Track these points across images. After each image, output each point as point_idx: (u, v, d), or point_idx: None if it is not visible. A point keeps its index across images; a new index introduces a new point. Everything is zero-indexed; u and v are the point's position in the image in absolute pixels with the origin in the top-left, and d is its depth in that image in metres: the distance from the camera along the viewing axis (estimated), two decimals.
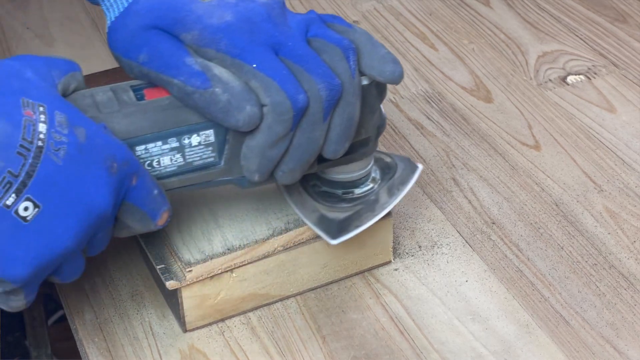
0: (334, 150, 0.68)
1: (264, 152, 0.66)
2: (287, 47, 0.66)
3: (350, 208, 0.73)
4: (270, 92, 0.64)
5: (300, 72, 0.65)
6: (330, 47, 0.67)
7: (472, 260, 0.80)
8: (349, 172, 0.74)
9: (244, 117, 0.64)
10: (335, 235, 0.72)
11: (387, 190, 0.75)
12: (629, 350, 0.72)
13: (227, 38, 0.66)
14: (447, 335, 0.74)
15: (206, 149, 0.67)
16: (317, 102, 0.65)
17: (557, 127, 0.95)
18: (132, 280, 0.79)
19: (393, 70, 0.69)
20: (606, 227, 0.83)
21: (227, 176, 0.69)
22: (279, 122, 0.65)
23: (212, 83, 0.64)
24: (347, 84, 0.67)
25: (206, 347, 0.74)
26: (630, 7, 1.13)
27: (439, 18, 1.14)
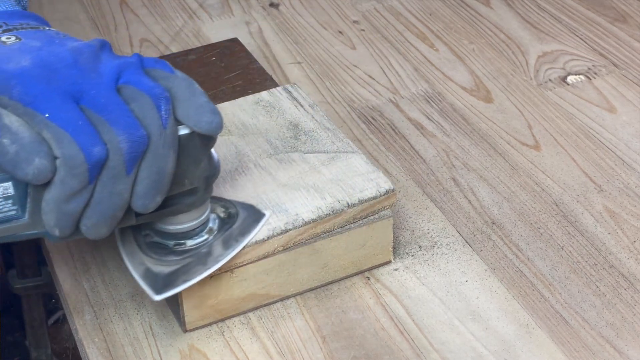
0: (142, 204, 0.64)
1: (59, 207, 0.62)
2: (89, 95, 0.62)
3: (179, 261, 0.70)
4: (62, 144, 0.60)
5: (101, 122, 0.61)
6: (141, 95, 0.63)
7: (472, 260, 0.80)
8: (180, 223, 0.70)
9: (32, 170, 0.60)
10: (160, 291, 0.69)
11: (222, 242, 0.72)
12: (629, 350, 0.72)
13: (20, 85, 0.61)
14: (447, 335, 0.74)
15: (6, 202, 0.63)
16: (118, 154, 0.62)
17: (557, 127, 0.95)
18: (132, 280, 0.79)
19: (210, 121, 0.65)
20: (606, 227, 0.83)
21: (33, 230, 0.64)
22: (72, 175, 0.61)
23: (0, 133, 0.60)
24: (156, 135, 0.63)
25: (206, 347, 0.74)
26: (630, 7, 1.13)
27: (439, 18, 1.14)
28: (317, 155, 0.80)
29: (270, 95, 0.88)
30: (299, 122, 0.84)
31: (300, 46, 1.11)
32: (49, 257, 0.82)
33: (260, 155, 0.81)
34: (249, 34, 1.13)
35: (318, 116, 0.85)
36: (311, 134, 0.83)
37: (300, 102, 0.87)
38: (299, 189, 0.77)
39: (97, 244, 0.82)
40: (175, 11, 1.19)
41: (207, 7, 1.20)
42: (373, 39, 1.11)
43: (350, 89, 1.03)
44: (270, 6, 1.19)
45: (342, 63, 1.07)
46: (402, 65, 1.06)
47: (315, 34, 1.13)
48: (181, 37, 1.13)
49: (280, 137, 0.83)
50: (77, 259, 0.81)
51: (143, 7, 1.21)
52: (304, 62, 1.08)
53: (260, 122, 0.85)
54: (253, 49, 1.09)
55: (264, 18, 1.17)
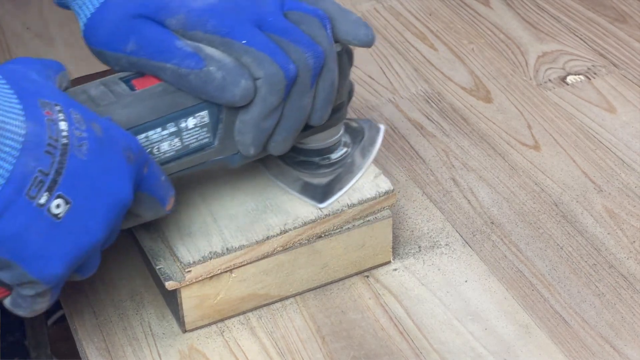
0: (320, 116, 0.71)
1: (258, 125, 0.68)
2: (268, 22, 0.68)
3: (331, 173, 0.76)
4: (263, 65, 0.66)
5: (286, 44, 0.67)
6: (308, 17, 0.69)
7: (471, 261, 0.80)
8: (325, 138, 0.76)
9: (240, 92, 0.66)
10: (322, 200, 0.75)
11: (359, 152, 0.78)
12: (629, 350, 0.72)
13: (213, 19, 0.67)
14: (446, 335, 0.74)
15: (201, 130, 0.68)
16: (305, 70, 0.68)
17: (556, 127, 0.95)
18: (132, 281, 0.79)
19: (367, 33, 0.71)
20: (606, 227, 0.83)
21: (221, 155, 0.70)
22: (273, 92, 0.67)
23: (206, 62, 0.66)
24: (328, 51, 0.69)
25: (205, 347, 0.74)
26: (630, 7, 1.13)
27: (439, 18, 1.14)
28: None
29: None
30: None
31: None
32: None
33: None
34: None
35: None
36: None
37: None
38: None
39: None
40: None
41: None
42: None
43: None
44: None
45: None
46: (402, 65, 1.06)
47: None
48: None
49: None
50: None
51: None
52: None
53: None
54: None
55: None
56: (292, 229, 0.74)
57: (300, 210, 0.75)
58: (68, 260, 0.61)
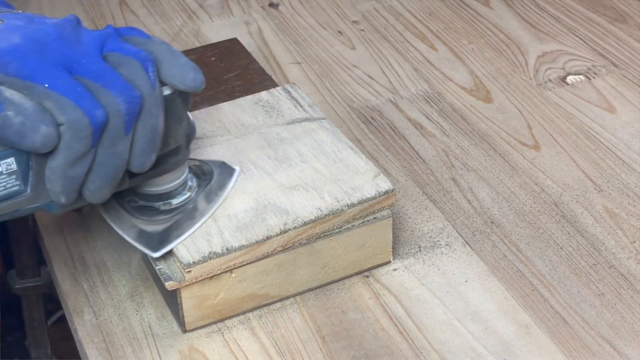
0: (140, 163, 0.67)
1: (65, 172, 0.64)
2: (80, 64, 0.65)
3: (169, 219, 0.73)
4: (66, 110, 0.63)
5: (97, 88, 0.64)
6: (128, 60, 0.66)
7: (471, 261, 0.80)
8: (164, 183, 0.73)
9: (40, 138, 0.62)
10: (156, 248, 0.72)
11: (204, 196, 0.75)
12: (629, 350, 0.72)
13: (16, 60, 0.63)
14: (446, 335, 0.74)
15: (9, 178, 0.64)
16: (117, 116, 0.64)
17: (556, 127, 0.95)
18: (132, 281, 0.79)
19: (194, 78, 0.68)
20: (606, 227, 0.83)
21: (36, 203, 0.66)
22: (78, 139, 0.63)
23: (3, 107, 0.62)
24: (148, 95, 0.66)
25: (205, 347, 0.74)
26: (630, 7, 1.13)
27: (439, 18, 1.14)
28: (316, 155, 0.80)
29: (269, 96, 0.88)
30: (298, 122, 0.84)
31: (300, 46, 1.11)
32: (49, 257, 0.82)
33: (260, 155, 0.81)
34: (248, 34, 1.13)
35: (317, 116, 0.85)
36: (310, 134, 0.83)
37: (300, 102, 0.87)
38: (298, 189, 0.77)
39: (97, 244, 0.82)
40: (175, 11, 1.19)
41: (207, 7, 1.20)
42: (373, 39, 1.11)
43: (349, 89, 1.03)
44: (269, 6, 1.19)
45: (342, 63, 1.07)
46: (402, 65, 1.06)
47: (315, 34, 1.13)
48: (181, 37, 1.13)
49: (280, 137, 0.83)
50: (76, 260, 0.81)
51: (143, 8, 1.21)
52: (304, 62, 1.08)
53: (260, 122, 0.85)
54: (253, 49, 1.09)
55: (263, 18, 1.17)
56: (292, 229, 0.74)
57: (300, 210, 0.75)
58: None
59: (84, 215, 0.85)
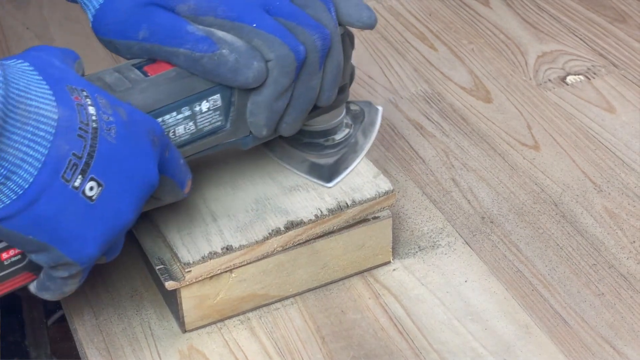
0: (327, 97, 0.72)
1: (271, 106, 0.69)
2: (275, 6, 0.70)
3: (336, 153, 0.78)
4: (274, 47, 0.67)
5: (294, 27, 0.69)
6: (312, 1, 0.71)
7: (471, 261, 0.80)
8: (329, 120, 0.78)
9: (253, 74, 0.67)
10: (329, 179, 0.77)
11: (361, 132, 0.81)
12: (629, 350, 0.72)
13: (223, 4, 0.68)
14: (446, 335, 0.74)
15: (214, 114, 0.70)
16: (314, 52, 0.69)
17: (556, 127, 0.95)
18: (132, 281, 0.79)
19: (370, 15, 0.73)
20: (605, 227, 0.83)
21: (233, 137, 0.71)
22: (284, 74, 0.68)
23: (218, 46, 0.67)
24: (334, 33, 0.71)
25: (205, 347, 0.74)
26: (630, 7, 1.13)
27: (439, 18, 1.14)
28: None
29: None
30: None
31: None
32: None
33: (260, 155, 0.81)
34: None
35: None
36: None
37: None
38: (298, 190, 0.77)
39: None
40: None
41: None
42: (372, 39, 1.11)
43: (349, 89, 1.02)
44: None
45: None
46: (402, 65, 1.06)
47: None
48: None
49: None
50: None
51: None
52: None
53: None
54: None
55: None
56: (292, 229, 0.74)
57: (300, 210, 0.75)
58: (102, 241, 0.62)
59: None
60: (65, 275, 0.63)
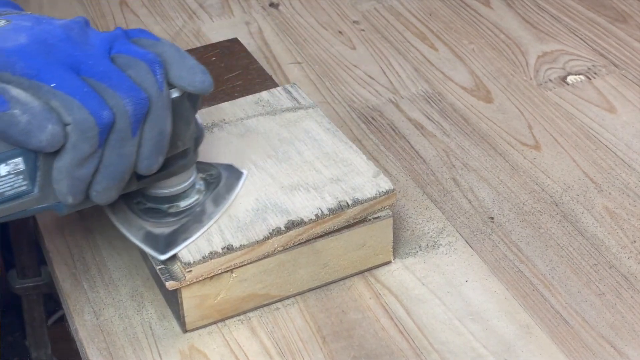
0: (147, 165, 0.67)
1: (72, 172, 0.64)
2: (88, 65, 0.65)
3: (177, 222, 0.73)
4: (72, 110, 0.62)
5: (104, 89, 0.64)
6: (135, 61, 0.66)
7: (472, 261, 0.80)
8: (172, 186, 0.73)
9: (46, 137, 0.62)
10: (163, 251, 0.72)
11: (212, 200, 0.75)
12: (629, 350, 0.72)
13: (22, 60, 0.63)
14: (447, 335, 0.74)
15: (17, 178, 0.64)
16: (124, 117, 0.64)
17: (557, 127, 0.95)
18: (132, 280, 0.79)
19: (202, 80, 0.68)
20: (606, 227, 0.83)
21: (43, 203, 0.66)
22: (84, 139, 0.63)
23: (10, 105, 0.62)
24: (155, 97, 0.65)
25: (206, 347, 0.74)
26: (630, 7, 1.13)
27: (439, 18, 1.14)
28: (317, 155, 0.80)
29: (270, 96, 0.88)
30: (299, 122, 0.84)
31: (300, 46, 1.11)
32: (49, 257, 0.82)
33: (260, 155, 0.81)
34: (249, 34, 1.13)
35: (318, 116, 0.85)
36: (311, 135, 0.83)
37: (300, 102, 0.87)
38: (298, 189, 0.77)
39: (97, 244, 0.82)
40: (175, 11, 1.19)
41: (207, 7, 1.20)
42: (373, 39, 1.11)
43: (350, 89, 1.03)
44: (270, 6, 1.19)
45: (342, 63, 1.07)
46: (402, 65, 1.06)
47: (315, 34, 1.13)
48: (181, 37, 1.13)
49: (280, 137, 0.83)
50: (77, 259, 0.81)
51: (143, 7, 1.21)
52: (304, 62, 1.08)
53: (260, 122, 0.85)
54: (253, 49, 1.09)
55: (263, 18, 1.17)
56: (292, 229, 0.74)
57: (300, 210, 0.75)
58: None
59: (84, 215, 0.85)
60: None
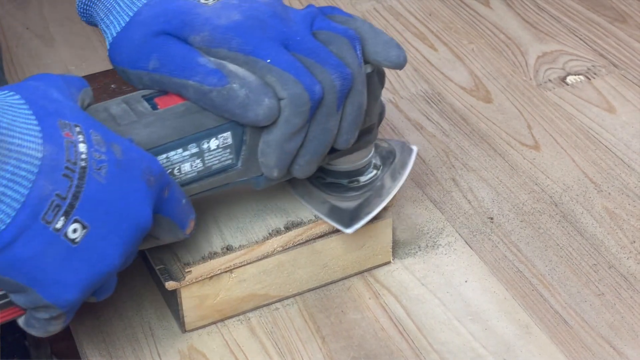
0: (346, 139, 0.69)
1: (282, 146, 0.66)
2: (295, 41, 0.67)
3: (359, 196, 0.74)
4: (287, 85, 0.65)
5: (312, 64, 0.66)
6: (337, 38, 0.68)
7: (471, 261, 0.80)
8: (355, 160, 0.74)
9: (263, 111, 0.64)
10: (349, 224, 0.73)
11: (390, 175, 0.76)
12: (629, 350, 0.72)
13: (238, 36, 0.66)
14: (446, 335, 0.74)
15: (224, 152, 0.67)
16: (331, 92, 0.66)
17: (556, 127, 0.95)
18: (132, 280, 0.79)
19: (398, 55, 0.70)
20: (605, 227, 0.83)
21: (244, 177, 0.69)
22: (297, 114, 0.65)
23: (229, 79, 0.64)
24: (356, 72, 0.67)
25: (205, 347, 0.74)
26: (630, 7, 1.13)
27: (439, 18, 1.14)
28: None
29: None
30: None
31: None
32: None
33: None
34: None
35: None
36: None
37: None
38: None
39: None
40: None
41: None
42: None
43: None
44: None
45: None
46: None
47: None
48: None
49: None
50: None
51: None
52: None
53: None
54: None
55: None
56: (292, 229, 0.74)
57: (300, 210, 0.75)
58: (84, 286, 0.60)
59: None
60: (46, 317, 0.61)
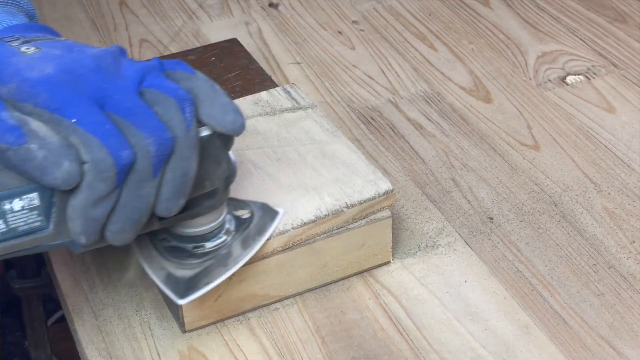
0: (166, 207, 0.64)
1: (86, 212, 0.61)
2: (114, 100, 0.62)
3: (200, 264, 0.70)
4: (91, 148, 0.60)
5: (127, 126, 0.61)
6: (164, 98, 0.63)
7: (471, 261, 0.80)
8: (199, 225, 0.70)
9: (61, 175, 0.59)
10: (183, 295, 0.69)
11: (241, 242, 0.72)
12: (628, 350, 0.72)
13: (45, 91, 0.61)
14: (446, 335, 0.74)
15: (31, 213, 0.62)
16: (145, 157, 0.61)
17: (556, 127, 0.95)
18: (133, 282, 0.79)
19: (234, 120, 0.65)
20: (605, 227, 0.83)
21: (58, 240, 0.63)
22: (101, 179, 0.60)
23: (27, 138, 0.59)
24: (181, 137, 0.62)
25: (205, 347, 0.74)
26: (630, 7, 1.13)
27: (439, 18, 1.14)
28: (316, 156, 0.80)
29: (269, 96, 0.88)
30: (298, 122, 0.84)
31: (300, 46, 1.11)
32: (49, 258, 0.82)
33: (259, 155, 0.81)
34: (248, 34, 1.13)
35: (317, 116, 0.85)
36: (310, 135, 0.83)
37: (300, 103, 0.87)
38: (298, 190, 0.77)
39: None
40: (175, 11, 1.19)
41: (207, 7, 1.20)
42: (372, 39, 1.11)
43: (349, 89, 1.03)
44: (269, 6, 1.19)
45: (342, 63, 1.07)
46: (402, 65, 1.06)
47: (315, 34, 1.13)
48: (180, 38, 1.13)
49: (279, 137, 0.83)
50: (76, 260, 0.81)
51: (142, 8, 1.21)
52: (304, 63, 1.08)
53: (259, 122, 0.85)
54: (252, 50, 1.09)
55: (263, 18, 1.17)
56: (291, 229, 0.74)
57: (299, 210, 0.75)
58: None
59: None
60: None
